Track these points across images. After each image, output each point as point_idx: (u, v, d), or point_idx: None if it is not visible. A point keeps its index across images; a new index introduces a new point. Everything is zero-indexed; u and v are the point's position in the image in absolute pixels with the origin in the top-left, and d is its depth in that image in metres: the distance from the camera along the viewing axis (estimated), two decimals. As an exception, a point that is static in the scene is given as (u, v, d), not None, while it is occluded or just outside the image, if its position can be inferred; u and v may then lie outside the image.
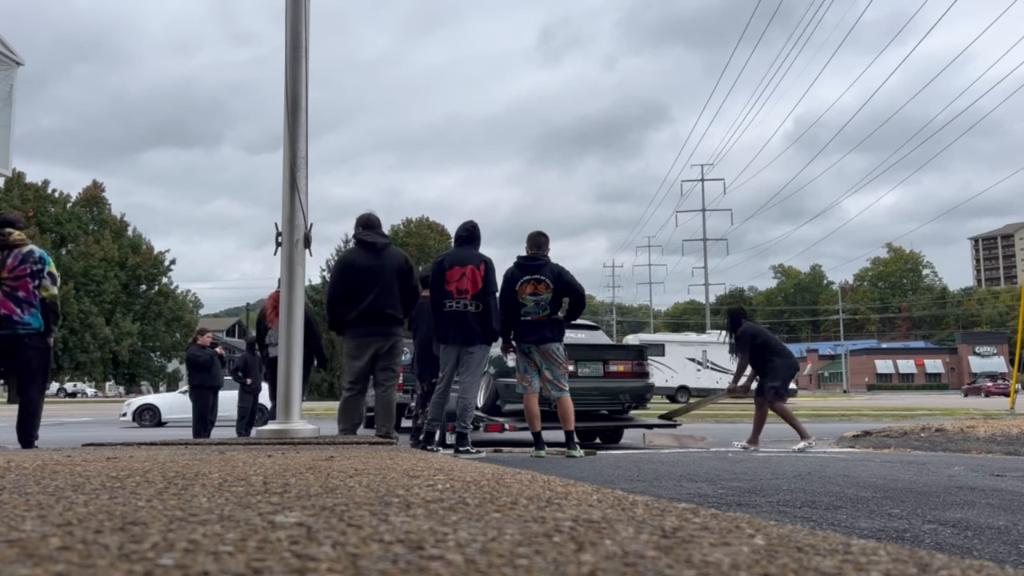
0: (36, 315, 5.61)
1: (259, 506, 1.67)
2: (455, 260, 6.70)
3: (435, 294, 6.72)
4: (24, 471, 2.64)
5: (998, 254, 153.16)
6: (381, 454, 3.65)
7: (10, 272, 5.58)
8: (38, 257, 5.69)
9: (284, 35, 6.05)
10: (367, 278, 6.32)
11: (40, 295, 5.64)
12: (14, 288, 5.56)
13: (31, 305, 5.59)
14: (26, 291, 5.59)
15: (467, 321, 6.57)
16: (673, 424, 10.59)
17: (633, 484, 4.06)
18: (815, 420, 16.76)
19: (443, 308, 6.65)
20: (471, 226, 6.94)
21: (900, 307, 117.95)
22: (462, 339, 6.61)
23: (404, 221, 63.14)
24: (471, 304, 6.57)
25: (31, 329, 5.58)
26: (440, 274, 6.69)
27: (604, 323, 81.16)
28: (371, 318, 6.32)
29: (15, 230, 5.73)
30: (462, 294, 6.58)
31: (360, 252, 6.51)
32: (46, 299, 5.66)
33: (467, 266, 6.63)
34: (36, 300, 5.61)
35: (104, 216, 57.27)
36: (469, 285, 6.58)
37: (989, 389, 49.91)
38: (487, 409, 9.04)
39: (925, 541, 2.56)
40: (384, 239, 6.59)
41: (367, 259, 6.41)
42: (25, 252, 5.68)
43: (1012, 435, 8.28)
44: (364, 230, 6.57)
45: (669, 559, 1.12)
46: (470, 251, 6.79)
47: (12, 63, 8.65)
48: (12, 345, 5.53)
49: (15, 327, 5.52)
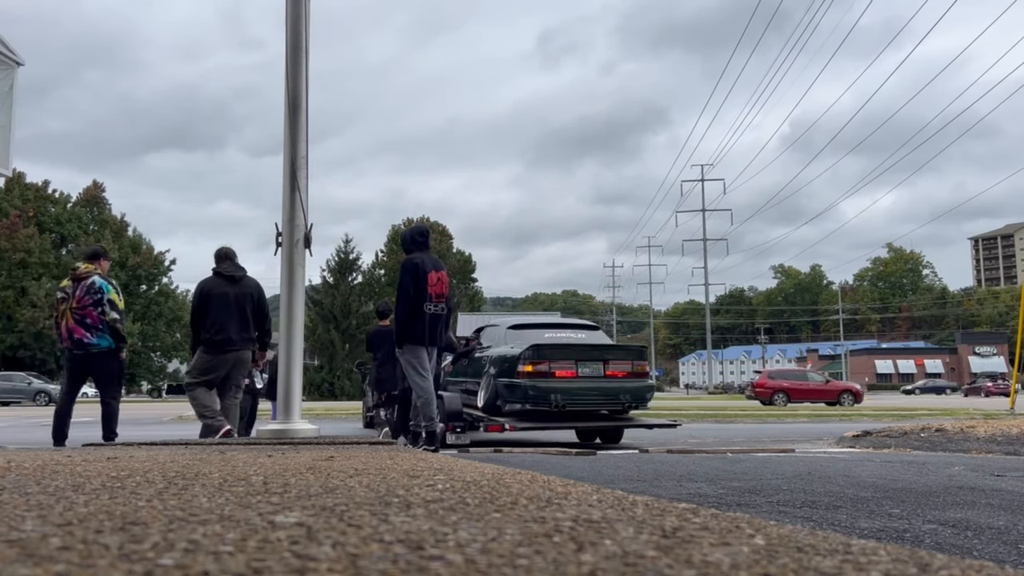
0: (104, 336, 6.72)
1: (259, 506, 1.67)
2: (432, 265, 6.94)
3: (416, 296, 6.80)
4: (24, 471, 2.64)
5: (998, 254, 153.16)
6: (381, 454, 3.65)
7: (79, 303, 6.67)
8: (97, 288, 6.74)
9: (284, 35, 6.05)
10: (224, 304, 6.83)
11: (104, 320, 6.72)
12: (82, 316, 6.66)
13: (99, 329, 6.70)
14: (92, 318, 6.68)
15: (441, 324, 6.93)
16: (674, 425, 10.59)
17: (633, 484, 4.06)
18: (815, 420, 16.76)
19: (424, 311, 6.80)
20: (427, 231, 7.30)
21: (900, 307, 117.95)
22: (438, 340, 6.93)
23: (405, 221, 63.18)
24: (444, 308, 6.93)
25: (101, 348, 6.72)
26: (423, 277, 6.82)
27: (604, 323, 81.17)
28: (226, 340, 6.79)
29: (85, 264, 6.86)
30: (440, 298, 6.87)
31: (217, 281, 6.99)
32: (109, 322, 6.74)
33: (440, 271, 6.95)
34: (103, 324, 6.71)
35: (104, 216, 57.25)
36: (444, 289, 6.92)
37: (989, 389, 49.89)
38: (487, 409, 9.03)
39: (925, 541, 2.55)
40: (240, 271, 7.06)
41: (225, 288, 6.91)
42: (88, 284, 6.73)
43: (1012, 435, 8.27)
44: (221, 263, 7.10)
45: (669, 559, 1.12)
46: (434, 256, 7.14)
47: (12, 63, 8.65)
48: (87, 361, 6.76)
49: (87, 348, 6.68)
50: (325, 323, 54.79)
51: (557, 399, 8.48)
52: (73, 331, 6.66)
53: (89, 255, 7.05)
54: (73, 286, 6.75)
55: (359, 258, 58.60)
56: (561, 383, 8.57)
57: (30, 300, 47.37)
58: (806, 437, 10.80)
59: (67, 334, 6.68)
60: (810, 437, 10.78)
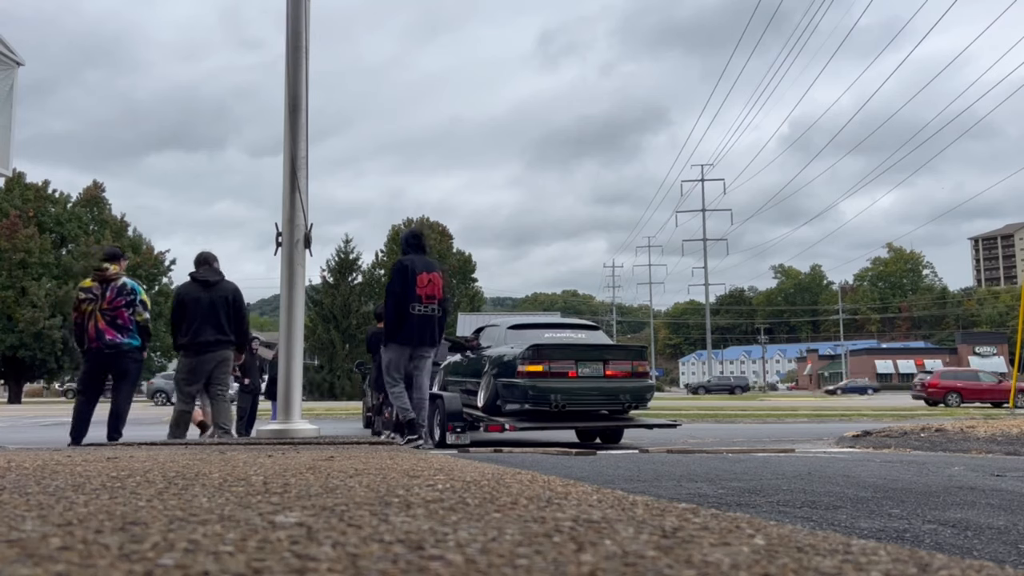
0: (134, 335, 6.87)
1: (259, 506, 1.67)
2: (423, 266, 7.02)
3: (403, 297, 6.90)
4: (24, 471, 2.64)
5: (998, 254, 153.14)
6: (381, 454, 3.65)
7: (109, 304, 6.75)
8: (130, 289, 6.87)
9: (284, 35, 6.05)
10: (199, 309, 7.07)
11: (135, 320, 6.85)
12: (114, 317, 6.76)
13: (128, 329, 6.82)
14: (123, 319, 6.79)
15: (433, 325, 6.98)
16: (674, 425, 10.58)
17: (633, 484, 4.06)
18: (815, 420, 16.75)
19: (411, 311, 6.88)
20: (422, 234, 7.44)
21: (900, 307, 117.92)
22: (429, 341, 6.98)
23: (405, 221, 63.23)
24: (437, 309, 6.99)
25: (131, 347, 6.85)
26: (411, 278, 6.92)
27: (604, 323, 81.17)
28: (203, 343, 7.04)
29: (111, 265, 6.90)
30: (431, 299, 6.94)
31: (193, 286, 7.26)
32: (140, 323, 6.88)
33: (433, 272, 7.03)
34: (132, 324, 6.85)
35: (104, 216, 57.23)
36: (436, 291, 6.98)
37: (989, 389, 49.76)
38: (487, 409, 9.03)
39: (925, 541, 2.55)
40: (216, 275, 7.29)
41: (199, 293, 7.15)
42: (119, 285, 6.83)
43: (1012, 435, 8.27)
44: (199, 268, 7.39)
45: (669, 559, 1.12)
46: (428, 259, 7.22)
47: (12, 63, 8.65)
48: (116, 358, 6.81)
49: (119, 347, 6.78)
50: (325, 323, 54.79)
51: (557, 399, 8.49)
52: (104, 332, 6.72)
53: (110, 256, 7.09)
54: (101, 287, 6.80)
55: (359, 258, 58.58)
56: (561, 383, 8.57)
57: (30, 300, 47.35)
58: (806, 437, 10.80)
59: (96, 334, 6.71)
60: (810, 437, 10.78)
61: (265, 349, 12.34)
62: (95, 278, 6.89)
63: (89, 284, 6.89)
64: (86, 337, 6.75)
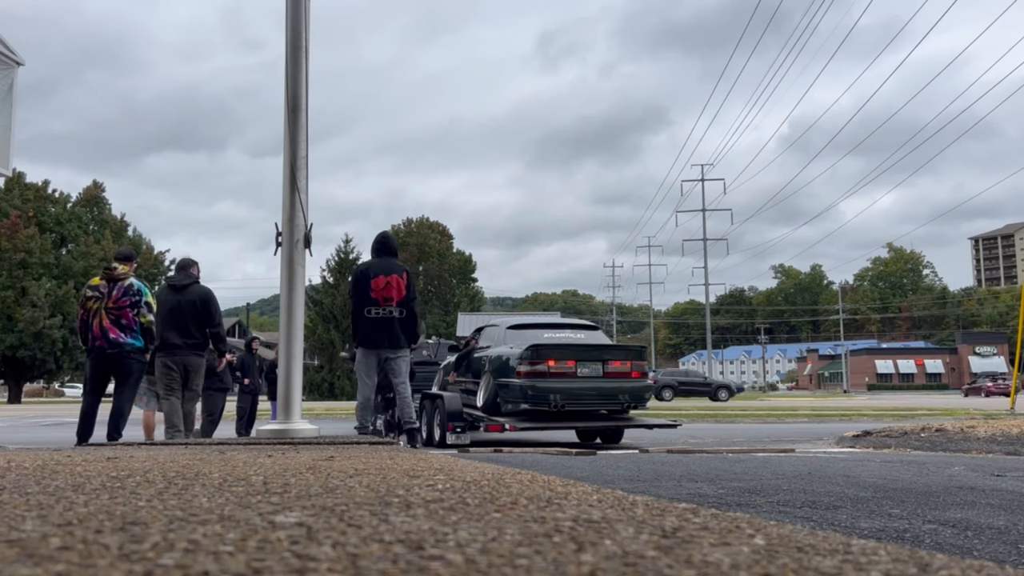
0: (137, 336, 6.83)
1: (259, 506, 1.67)
2: (379, 269, 7.10)
3: (358, 301, 7.04)
4: (24, 471, 2.64)
5: (998, 254, 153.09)
6: (381, 454, 3.65)
7: (115, 303, 6.75)
8: (136, 290, 6.86)
9: (284, 36, 6.05)
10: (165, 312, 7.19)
11: (140, 321, 6.83)
12: (118, 316, 6.76)
13: (132, 329, 6.80)
14: (128, 319, 6.78)
15: (393, 327, 7.02)
16: (674, 425, 10.59)
17: (633, 484, 4.06)
18: (815, 420, 16.76)
19: (367, 314, 6.98)
20: (388, 237, 7.50)
21: (900, 307, 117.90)
22: (388, 344, 7.04)
23: (405, 221, 63.23)
24: (396, 310, 7.02)
25: (133, 348, 6.82)
26: (365, 282, 7.03)
27: (604, 323, 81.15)
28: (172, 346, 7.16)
29: (121, 265, 6.93)
30: (387, 301, 7.00)
31: (164, 291, 7.51)
32: (144, 324, 6.86)
33: (391, 275, 7.08)
34: (136, 325, 6.83)
35: (104, 216, 57.22)
36: (394, 293, 7.03)
37: (989, 389, 49.82)
38: (487, 409, 9.03)
39: (925, 541, 2.55)
40: (188, 279, 7.45)
41: (168, 296, 7.33)
42: (126, 285, 6.84)
43: (1012, 435, 8.27)
44: (177, 273, 7.63)
45: (669, 559, 1.12)
46: (392, 261, 7.27)
47: (12, 63, 8.64)
48: (118, 358, 6.79)
49: (121, 347, 6.76)
50: (325, 323, 54.78)
51: (556, 399, 8.49)
52: (108, 330, 6.73)
53: (123, 256, 7.15)
54: (108, 286, 6.82)
55: (359, 258, 58.54)
56: (560, 383, 8.58)
57: (30, 300, 47.33)
58: (806, 437, 10.80)
59: (100, 332, 6.73)
60: (810, 437, 10.78)
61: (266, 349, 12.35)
62: (103, 276, 6.93)
63: (97, 282, 6.93)
64: (90, 335, 6.77)
